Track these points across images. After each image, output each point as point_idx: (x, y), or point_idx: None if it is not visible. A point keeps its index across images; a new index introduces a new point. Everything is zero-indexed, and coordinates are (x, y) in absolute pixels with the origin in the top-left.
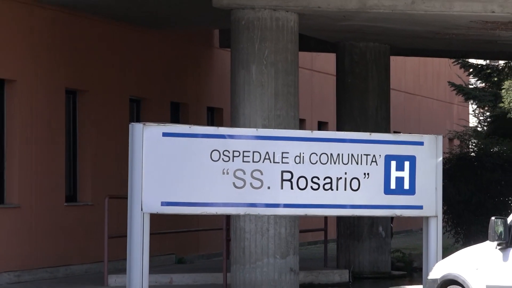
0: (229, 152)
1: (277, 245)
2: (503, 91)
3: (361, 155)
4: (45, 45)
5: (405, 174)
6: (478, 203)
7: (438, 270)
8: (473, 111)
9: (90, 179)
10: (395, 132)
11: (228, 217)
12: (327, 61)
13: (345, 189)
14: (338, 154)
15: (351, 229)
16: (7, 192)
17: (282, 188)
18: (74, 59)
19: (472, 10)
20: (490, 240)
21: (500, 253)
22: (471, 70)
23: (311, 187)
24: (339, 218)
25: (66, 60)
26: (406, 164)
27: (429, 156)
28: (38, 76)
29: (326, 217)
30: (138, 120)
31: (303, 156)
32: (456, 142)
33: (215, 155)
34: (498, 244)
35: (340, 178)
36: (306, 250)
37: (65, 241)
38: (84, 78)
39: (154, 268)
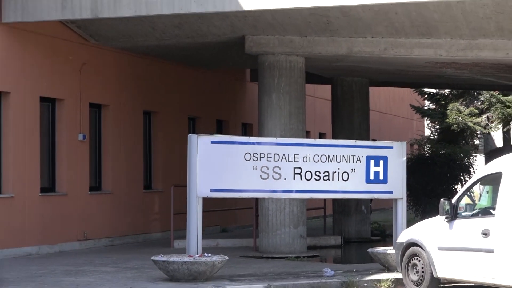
0: (257, 154)
1: (291, 219)
2: (448, 111)
3: (349, 155)
4: (129, 80)
5: (380, 169)
6: (431, 189)
7: (404, 236)
8: (427, 125)
9: (161, 173)
10: (373, 139)
11: (256, 200)
12: (325, 90)
13: (338, 180)
14: (333, 155)
15: (342, 208)
16: (104, 182)
17: (294, 179)
18: (149, 89)
19: (427, 54)
20: (440, 215)
21: (447, 224)
22: (425, 96)
23: (315, 178)
24: (334, 200)
25: (144, 90)
26: (381, 162)
27: (397, 156)
28: (124, 101)
29: (325, 199)
30: (194, 132)
31: (309, 157)
32: (416, 147)
33: (248, 156)
34: (446, 218)
35: (335, 172)
36: (311, 222)
37: (144, 216)
38: (156, 102)
39: (205, 235)
